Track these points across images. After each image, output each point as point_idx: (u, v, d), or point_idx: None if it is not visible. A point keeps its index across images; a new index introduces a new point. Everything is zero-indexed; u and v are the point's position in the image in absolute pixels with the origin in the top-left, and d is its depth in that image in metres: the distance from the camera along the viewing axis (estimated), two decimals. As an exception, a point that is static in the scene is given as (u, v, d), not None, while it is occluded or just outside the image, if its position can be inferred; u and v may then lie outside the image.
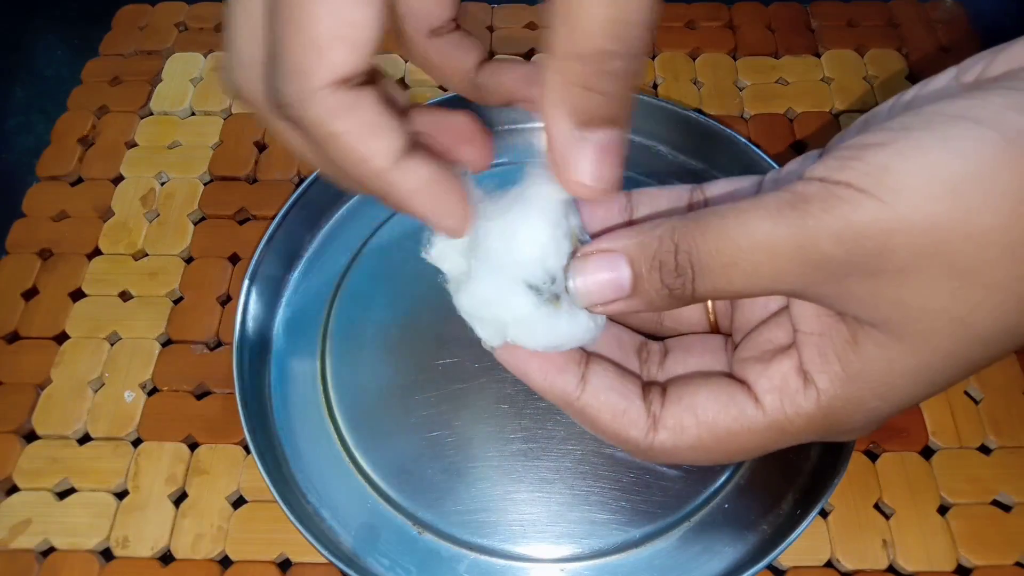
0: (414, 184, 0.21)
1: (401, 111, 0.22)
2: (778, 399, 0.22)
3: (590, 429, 0.24)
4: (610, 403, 0.23)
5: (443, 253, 0.24)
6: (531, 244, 0.22)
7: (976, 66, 0.21)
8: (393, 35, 0.23)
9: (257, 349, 0.37)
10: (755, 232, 0.19)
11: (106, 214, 0.43)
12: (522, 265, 0.22)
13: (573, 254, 0.23)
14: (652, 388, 0.24)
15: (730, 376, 0.23)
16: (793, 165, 0.24)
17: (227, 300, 0.40)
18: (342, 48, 0.19)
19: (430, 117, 0.24)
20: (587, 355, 0.24)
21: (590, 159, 0.21)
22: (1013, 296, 0.18)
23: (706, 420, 0.23)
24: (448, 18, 0.25)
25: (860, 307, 0.20)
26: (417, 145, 0.21)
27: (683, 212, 0.26)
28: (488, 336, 0.24)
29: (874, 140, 0.19)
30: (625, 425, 0.23)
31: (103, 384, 0.38)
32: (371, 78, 0.21)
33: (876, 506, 0.34)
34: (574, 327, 0.23)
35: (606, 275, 0.22)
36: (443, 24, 0.25)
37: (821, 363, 0.21)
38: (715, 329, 0.27)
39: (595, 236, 0.23)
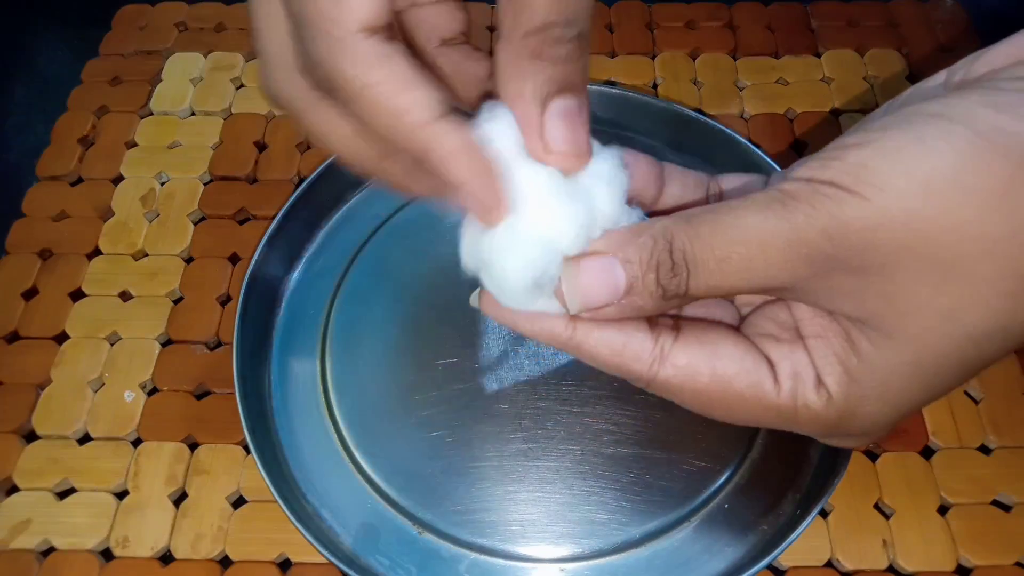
0: (457, 143, 0.20)
1: (432, 68, 0.22)
2: (794, 387, 0.22)
3: (592, 365, 0.23)
4: (606, 338, 0.22)
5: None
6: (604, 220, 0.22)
7: (963, 68, 0.21)
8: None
9: (257, 349, 0.37)
10: (747, 226, 0.20)
11: (106, 214, 0.43)
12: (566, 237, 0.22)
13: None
14: (661, 320, 0.23)
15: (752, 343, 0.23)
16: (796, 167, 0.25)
17: (227, 300, 0.40)
18: None
19: None
20: None
21: (559, 127, 0.21)
22: (998, 293, 0.19)
23: (724, 375, 0.22)
24: (458, 31, 0.25)
25: (849, 303, 0.20)
26: (457, 111, 0.21)
27: (702, 201, 0.26)
28: (493, 289, 0.23)
29: (854, 140, 0.19)
30: (627, 359, 0.22)
31: (103, 384, 0.38)
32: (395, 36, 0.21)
33: (876, 506, 0.34)
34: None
35: (599, 278, 0.21)
36: (453, 36, 0.25)
37: (825, 365, 0.22)
38: None
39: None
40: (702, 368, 0.22)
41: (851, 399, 0.21)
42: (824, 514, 0.34)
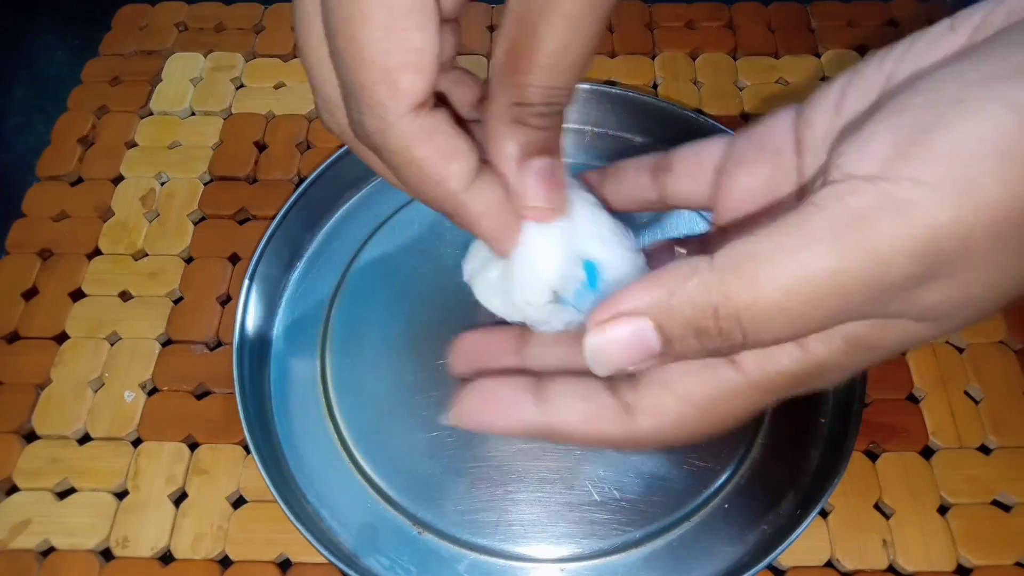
0: (482, 207, 0.22)
1: (467, 127, 0.24)
2: (758, 361, 0.20)
3: (574, 443, 0.23)
4: (576, 411, 0.22)
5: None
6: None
7: (973, 16, 0.20)
8: None
9: (257, 349, 0.37)
10: (818, 274, 0.17)
11: (106, 214, 0.43)
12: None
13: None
14: (619, 379, 0.22)
15: None
16: (766, 127, 0.24)
17: (227, 300, 0.40)
18: (410, 75, 0.20)
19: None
20: (540, 377, 0.24)
21: (535, 185, 0.23)
22: None
23: (682, 392, 0.21)
24: (449, 56, 0.26)
25: (922, 312, 0.18)
26: (485, 164, 0.23)
27: (647, 185, 0.27)
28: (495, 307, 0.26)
29: (926, 119, 0.17)
30: (601, 426, 0.22)
31: (103, 384, 0.38)
32: (440, 98, 0.23)
33: (876, 506, 0.34)
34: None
35: (630, 341, 0.19)
36: (445, 61, 0.25)
37: (823, 335, 0.20)
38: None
39: None
40: (664, 399, 0.21)
41: (843, 364, 0.20)
42: (824, 514, 0.34)
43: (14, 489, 0.35)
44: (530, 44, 0.21)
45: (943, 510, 0.34)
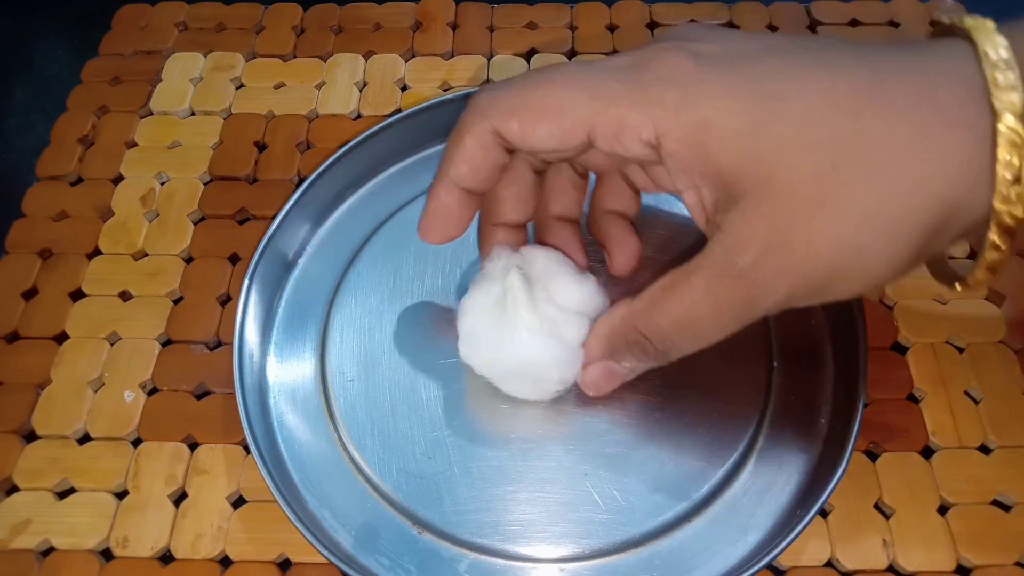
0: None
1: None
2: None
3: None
4: None
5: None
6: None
7: None
8: None
9: (257, 349, 0.37)
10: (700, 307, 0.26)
11: (106, 214, 0.43)
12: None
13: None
14: None
15: None
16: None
17: (227, 300, 0.40)
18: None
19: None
20: None
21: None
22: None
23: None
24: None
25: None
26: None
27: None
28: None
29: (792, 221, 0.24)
30: None
31: (103, 384, 0.38)
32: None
33: (876, 506, 0.34)
34: None
35: (605, 377, 0.32)
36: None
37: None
38: None
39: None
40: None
41: None
42: (824, 514, 0.34)
43: (14, 489, 0.35)
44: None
45: (943, 510, 0.34)
